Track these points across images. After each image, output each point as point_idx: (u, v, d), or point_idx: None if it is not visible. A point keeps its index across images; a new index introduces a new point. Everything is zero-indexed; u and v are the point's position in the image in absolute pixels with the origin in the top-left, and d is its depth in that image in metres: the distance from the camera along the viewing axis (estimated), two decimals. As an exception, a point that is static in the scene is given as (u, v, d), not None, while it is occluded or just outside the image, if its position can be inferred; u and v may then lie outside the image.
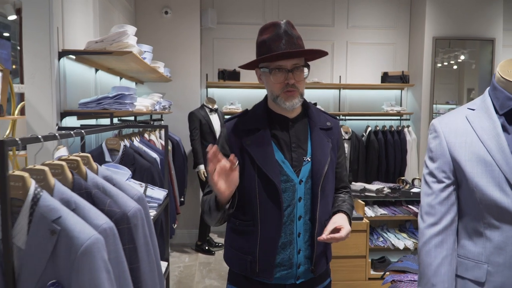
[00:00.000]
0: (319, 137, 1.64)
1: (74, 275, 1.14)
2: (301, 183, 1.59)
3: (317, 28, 5.90)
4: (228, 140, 1.63)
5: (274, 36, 1.54)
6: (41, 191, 1.19)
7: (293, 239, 1.59)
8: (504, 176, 1.28)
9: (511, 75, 1.35)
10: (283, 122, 1.63)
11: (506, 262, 1.29)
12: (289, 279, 1.61)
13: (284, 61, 1.54)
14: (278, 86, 1.56)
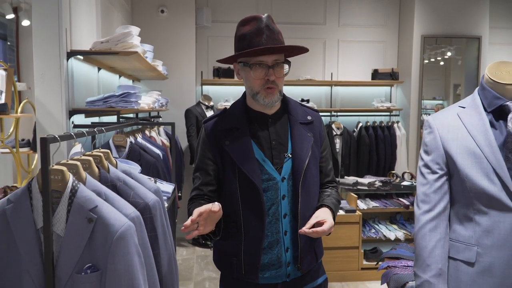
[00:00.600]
0: (300, 132, 1.61)
1: (110, 259, 1.26)
2: (283, 181, 1.57)
3: (309, 26, 6.04)
4: (208, 141, 1.60)
5: (255, 30, 1.50)
6: (78, 183, 1.31)
7: (280, 237, 1.57)
8: (491, 167, 1.43)
9: (498, 76, 1.50)
10: (262, 119, 1.60)
11: (494, 244, 1.44)
12: (280, 277, 1.59)
13: (265, 57, 1.50)
14: (258, 82, 1.52)
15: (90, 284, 1.28)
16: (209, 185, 1.61)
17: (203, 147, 1.62)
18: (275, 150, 1.58)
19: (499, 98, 1.49)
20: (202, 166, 1.62)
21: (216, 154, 1.59)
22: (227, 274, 1.65)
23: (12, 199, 1.29)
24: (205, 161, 1.61)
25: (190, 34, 5.49)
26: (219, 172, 1.61)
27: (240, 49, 1.54)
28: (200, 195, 1.60)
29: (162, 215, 1.73)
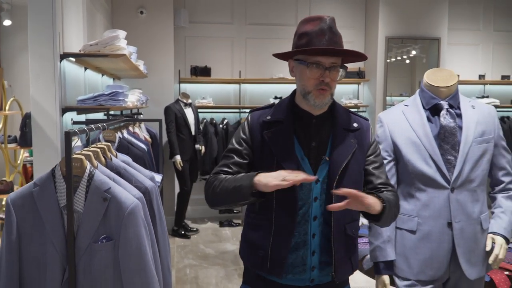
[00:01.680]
0: (342, 137, 1.57)
1: (123, 230, 1.55)
2: (317, 183, 1.54)
3: (281, 27, 6.36)
4: (251, 130, 1.59)
5: (318, 30, 1.48)
6: (94, 169, 1.59)
7: (307, 239, 1.54)
8: (428, 153, 1.79)
9: (434, 81, 1.85)
10: (307, 118, 1.58)
11: (430, 215, 1.80)
12: (303, 281, 1.56)
13: (323, 58, 1.48)
14: (312, 81, 1.50)
15: (105, 251, 1.56)
16: (240, 167, 1.57)
17: (244, 132, 1.61)
18: (314, 151, 1.56)
19: (434, 98, 1.85)
20: (238, 148, 1.59)
21: (255, 142, 1.58)
22: (252, 266, 1.62)
23: (38, 182, 1.56)
24: (243, 144, 1.59)
25: (168, 34, 5.73)
26: (253, 160, 1.59)
27: (300, 46, 1.52)
28: (229, 172, 1.56)
29: (158, 198, 2.02)
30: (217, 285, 4.11)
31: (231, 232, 5.75)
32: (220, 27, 6.19)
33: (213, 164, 5.94)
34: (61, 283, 1.56)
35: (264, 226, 1.56)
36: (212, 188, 1.53)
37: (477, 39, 6.87)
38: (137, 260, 1.57)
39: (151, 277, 1.60)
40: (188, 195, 5.60)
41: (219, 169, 1.58)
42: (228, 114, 6.29)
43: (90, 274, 1.57)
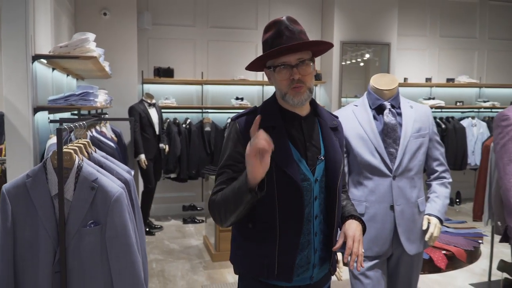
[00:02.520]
0: (330, 136, 1.62)
1: (109, 216, 1.75)
2: (316, 182, 1.57)
3: (242, 31, 6.61)
4: (242, 138, 1.52)
5: (275, 33, 1.50)
6: (82, 161, 1.78)
7: (311, 238, 1.57)
8: (374, 147, 2.08)
9: (378, 84, 2.15)
10: (295, 120, 1.59)
11: (376, 200, 2.09)
12: (305, 280, 1.59)
13: (287, 57, 1.49)
14: (284, 83, 1.51)
15: (93, 235, 1.75)
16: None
17: (236, 143, 1.54)
18: (309, 151, 1.57)
19: (379, 99, 2.15)
20: (232, 162, 1.53)
21: None
22: (256, 275, 1.58)
23: (30, 174, 1.73)
24: (237, 157, 1.53)
25: (131, 36, 5.85)
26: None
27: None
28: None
29: (135, 189, 2.22)
30: (183, 277, 4.30)
31: (194, 229, 5.93)
32: (182, 30, 6.37)
33: (176, 163, 6.12)
34: (52, 264, 1.73)
35: (267, 234, 1.52)
36: (215, 205, 1.49)
37: (424, 45, 7.37)
38: (123, 242, 1.77)
39: (135, 258, 1.80)
40: (152, 193, 5.74)
41: (218, 189, 1.52)
42: (191, 114, 6.48)
43: (79, 255, 1.76)
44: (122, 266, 1.77)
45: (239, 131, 1.55)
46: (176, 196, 6.60)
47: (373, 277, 2.10)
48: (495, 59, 7.69)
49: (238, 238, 1.62)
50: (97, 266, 1.77)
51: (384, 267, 2.16)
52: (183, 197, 6.61)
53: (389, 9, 6.64)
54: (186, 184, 6.47)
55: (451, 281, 4.21)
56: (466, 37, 7.53)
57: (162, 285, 4.09)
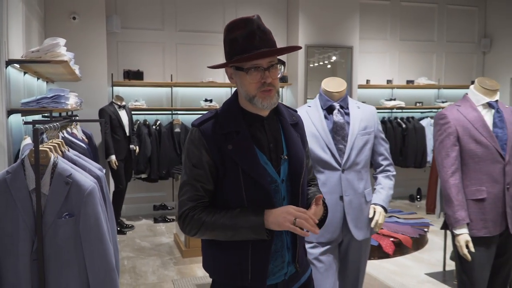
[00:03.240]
0: (291, 134, 1.62)
1: (83, 208, 1.92)
2: (283, 182, 1.57)
3: (210, 34, 6.80)
4: (207, 144, 1.51)
5: (247, 33, 1.48)
6: (57, 159, 1.94)
7: (283, 238, 1.58)
8: (325, 143, 2.32)
9: (328, 87, 2.40)
10: (258, 121, 1.57)
11: (327, 191, 2.32)
12: (280, 277, 1.60)
13: (260, 60, 1.47)
14: (254, 85, 1.49)
15: (67, 226, 1.92)
16: (208, 191, 1.54)
17: (200, 150, 1.52)
18: (273, 152, 1.57)
19: (329, 100, 2.39)
20: (200, 170, 1.52)
21: (216, 157, 1.51)
22: (227, 281, 1.58)
23: (10, 170, 1.89)
24: (203, 165, 1.51)
25: (101, 39, 5.96)
26: (217, 176, 1.54)
27: (232, 53, 1.50)
28: (203, 202, 1.54)
29: (106, 185, 2.39)
30: (154, 272, 4.46)
31: (165, 227, 6.08)
32: (151, 33, 6.52)
33: (147, 163, 6.25)
34: (30, 253, 1.89)
35: (239, 241, 1.51)
36: (201, 224, 1.49)
37: (385, 48, 7.73)
38: (96, 232, 1.95)
39: (107, 246, 1.98)
40: (123, 193, 5.86)
41: (194, 204, 1.52)
42: (161, 116, 6.62)
43: (55, 244, 1.92)
44: (94, 253, 1.95)
45: (202, 138, 1.52)
46: (147, 196, 6.73)
47: (325, 261, 2.34)
48: (453, 61, 8.11)
49: (210, 245, 1.60)
50: (71, 254, 1.94)
51: (335, 252, 2.40)
52: (154, 197, 6.75)
53: (351, 14, 6.94)
54: (156, 184, 6.61)
55: (408, 271, 4.50)
56: (425, 40, 7.93)
57: (133, 281, 4.24)
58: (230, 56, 1.52)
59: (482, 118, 2.40)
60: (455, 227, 2.36)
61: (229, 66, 1.55)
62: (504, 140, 2.38)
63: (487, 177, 2.36)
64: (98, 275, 1.94)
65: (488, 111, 2.44)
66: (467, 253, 2.33)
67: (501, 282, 2.53)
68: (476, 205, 2.37)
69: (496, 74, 7.90)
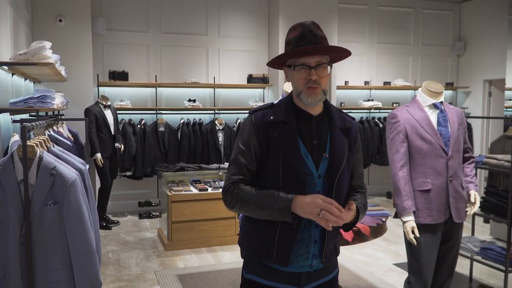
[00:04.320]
0: (338, 136, 1.70)
1: (66, 197, 2.15)
2: (319, 178, 1.67)
3: (194, 36, 7.03)
4: (257, 130, 1.67)
5: (299, 35, 1.62)
6: (43, 153, 2.17)
7: (312, 230, 1.66)
8: None
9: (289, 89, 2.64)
10: (307, 118, 1.69)
11: None
12: (304, 268, 1.69)
13: (308, 58, 1.60)
14: (301, 82, 1.63)
15: (52, 213, 2.15)
16: (252, 171, 1.68)
17: (250, 134, 1.68)
18: (315, 148, 1.67)
19: None
20: (246, 150, 1.67)
21: (262, 142, 1.66)
22: (255, 256, 1.72)
23: (0, 163, 2.11)
24: (250, 147, 1.67)
25: (86, 41, 6.16)
26: (261, 160, 1.68)
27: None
28: (244, 179, 1.68)
29: (88, 178, 2.62)
30: (137, 264, 4.68)
31: (150, 223, 6.30)
32: (136, 35, 6.73)
33: (132, 161, 6.46)
34: (19, 237, 2.12)
35: (270, 221, 1.64)
36: (239, 199, 1.64)
37: (363, 50, 8.02)
38: (77, 218, 2.18)
39: (88, 230, 2.21)
40: (108, 190, 6.07)
41: (236, 178, 1.68)
42: (145, 115, 6.84)
43: (41, 229, 2.15)
44: (76, 237, 2.18)
45: (254, 123, 1.68)
46: (132, 193, 6.93)
47: None
48: (428, 64, 8.43)
49: (245, 223, 1.78)
50: (56, 238, 2.17)
51: None
52: (139, 194, 6.96)
53: (330, 18, 7.22)
54: (141, 182, 6.82)
55: (377, 262, 4.79)
56: (401, 44, 8.24)
57: (117, 272, 4.46)
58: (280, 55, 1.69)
59: (427, 118, 2.67)
60: (402, 215, 2.63)
61: (286, 65, 1.71)
62: (447, 137, 2.65)
63: (432, 171, 2.63)
64: (80, 257, 2.18)
65: (433, 111, 2.71)
66: (413, 238, 2.60)
67: (448, 267, 2.80)
68: (422, 196, 2.64)
69: (470, 76, 8.24)
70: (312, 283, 1.73)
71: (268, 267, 1.69)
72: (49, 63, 3.61)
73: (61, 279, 2.18)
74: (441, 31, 8.41)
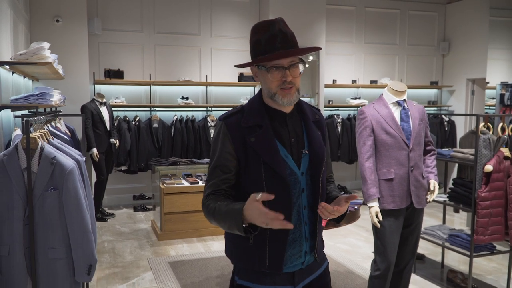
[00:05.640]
0: (313, 130, 1.71)
1: (65, 183, 2.41)
2: (303, 175, 1.66)
3: (187, 36, 7.30)
4: (231, 137, 1.62)
5: (269, 35, 1.59)
6: (44, 144, 2.44)
7: (302, 228, 1.66)
8: None
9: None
10: (280, 117, 1.67)
11: None
12: (297, 266, 1.69)
13: (281, 60, 1.58)
14: (275, 83, 1.60)
15: (53, 197, 2.41)
16: (228, 180, 1.64)
17: (224, 142, 1.63)
18: (294, 147, 1.66)
19: None
20: (222, 161, 1.63)
21: (239, 149, 1.62)
22: (247, 266, 1.68)
23: (6, 153, 2.37)
24: (226, 156, 1.63)
25: (83, 40, 6.41)
26: (239, 168, 1.65)
27: (256, 54, 1.62)
28: (218, 190, 1.64)
29: (85, 168, 2.89)
30: (131, 252, 4.95)
31: (144, 215, 6.56)
32: (131, 35, 6.99)
33: (127, 156, 6.73)
34: (23, 219, 2.38)
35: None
36: (209, 212, 1.60)
37: (351, 50, 8.30)
38: (75, 203, 2.44)
39: (85, 214, 2.48)
40: (104, 183, 6.34)
41: (210, 191, 1.64)
42: (140, 112, 7.10)
43: (42, 212, 2.41)
44: (74, 219, 2.45)
45: (227, 131, 1.64)
46: (127, 187, 7.20)
47: None
48: (414, 63, 8.72)
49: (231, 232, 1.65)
50: (56, 220, 2.43)
51: None
52: (133, 188, 7.22)
53: (318, 18, 7.48)
54: (136, 176, 7.09)
55: (357, 250, 5.08)
56: (388, 44, 8.52)
57: (112, 259, 4.73)
58: (254, 56, 1.65)
59: (392, 114, 2.96)
60: (368, 201, 2.91)
61: (254, 65, 1.67)
62: (409, 132, 2.94)
63: (395, 161, 2.92)
64: (77, 237, 2.45)
65: (397, 108, 3.00)
66: (377, 222, 2.88)
67: (410, 248, 3.09)
68: (387, 184, 2.92)
69: (454, 75, 8.54)
70: (306, 279, 1.73)
71: (262, 271, 1.66)
72: (48, 62, 3.87)
73: (61, 257, 2.45)
74: (427, 32, 8.69)
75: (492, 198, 3.43)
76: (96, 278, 4.19)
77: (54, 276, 2.46)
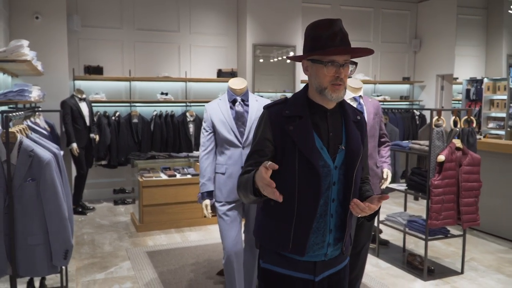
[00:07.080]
0: (352, 129, 1.77)
1: (42, 174, 2.60)
2: (336, 169, 1.72)
3: (166, 33, 7.45)
4: (271, 125, 1.73)
5: (331, 32, 1.65)
6: (23, 138, 2.62)
7: (327, 219, 1.72)
8: (230, 127, 3.06)
9: (233, 85, 3.13)
10: (322, 112, 1.74)
11: (232, 163, 3.07)
12: (319, 256, 1.75)
13: (338, 56, 1.64)
14: (328, 78, 1.66)
15: (31, 187, 2.60)
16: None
17: (265, 129, 1.75)
18: (331, 141, 1.72)
19: (233, 95, 3.13)
20: (260, 146, 1.74)
21: (277, 136, 1.72)
22: (271, 247, 1.78)
23: (-14, 147, 2.55)
24: (265, 142, 1.74)
25: (62, 37, 6.53)
26: (276, 154, 1.74)
27: (314, 48, 1.68)
28: (250, 170, 1.72)
29: (62, 161, 3.07)
30: (110, 244, 5.13)
31: (124, 209, 6.73)
32: (110, 31, 7.12)
33: (107, 151, 6.88)
34: (3, 208, 2.56)
35: (285, 212, 1.70)
36: (237, 185, 1.77)
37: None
38: (52, 192, 2.63)
39: (61, 203, 2.67)
40: (84, 178, 6.49)
41: (245, 170, 1.76)
42: (120, 108, 7.25)
43: (22, 201, 2.60)
44: (51, 208, 2.64)
45: (269, 119, 1.75)
46: (107, 181, 7.35)
47: (231, 215, 3.09)
48: (387, 60, 9.02)
49: (261, 214, 1.82)
50: (34, 209, 2.62)
51: (240, 209, 3.15)
52: (113, 182, 7.38)
53: (294, 16, 7.70)
54: (116, 170, 7.24)
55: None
56: (362, 41, 8.76)
57: (91, 250, 4.91)
58: (311, 50, 1.70)
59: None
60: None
61: (308, 59, 1.73)
62: None
63: None
64: (54, 224, 2.64)
65: (353, 103, 3.24)
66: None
67: (366, 233, 3.35)
68: None
69: (425, 71, 8.85)
70: (326, 272, 1.80)
71: (285, 256, 1.75)
72: (27, 60, 4.03)
73: (39, 243, 2.64)
74: (399, 30, 8.99)
75: (444, 186, 3.71)
76: (76, 267, 4.37)
77: (33, 261, 2.65)
